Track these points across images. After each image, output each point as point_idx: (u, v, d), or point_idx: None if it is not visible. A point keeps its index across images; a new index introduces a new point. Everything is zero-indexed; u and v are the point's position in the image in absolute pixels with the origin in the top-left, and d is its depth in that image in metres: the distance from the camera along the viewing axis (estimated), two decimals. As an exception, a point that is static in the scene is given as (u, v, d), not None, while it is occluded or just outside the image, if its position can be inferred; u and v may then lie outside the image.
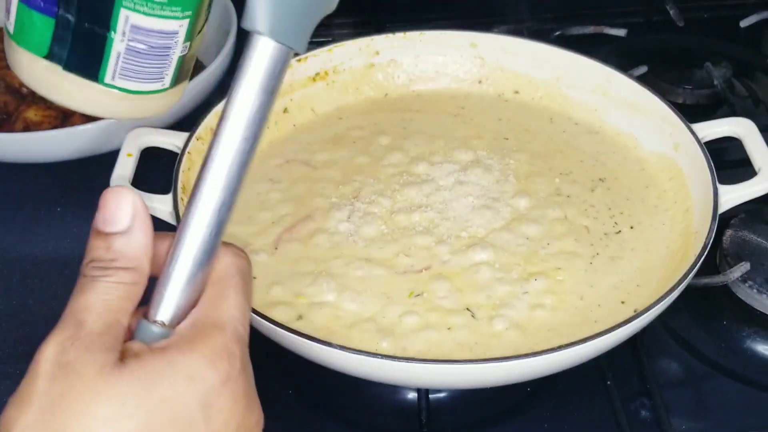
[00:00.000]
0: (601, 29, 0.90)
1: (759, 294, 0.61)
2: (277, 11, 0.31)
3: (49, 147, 0.70)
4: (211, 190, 0.33)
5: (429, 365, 0.49)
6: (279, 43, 0.31)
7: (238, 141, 0.32)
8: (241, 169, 0.33)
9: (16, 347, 0.60)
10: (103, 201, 0.34)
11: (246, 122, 0.32)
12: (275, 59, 0.32)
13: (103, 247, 0.34)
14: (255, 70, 0.32)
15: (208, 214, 0.33)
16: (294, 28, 0.32)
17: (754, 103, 0.85)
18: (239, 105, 0.32)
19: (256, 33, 0.31)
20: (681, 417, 0.56)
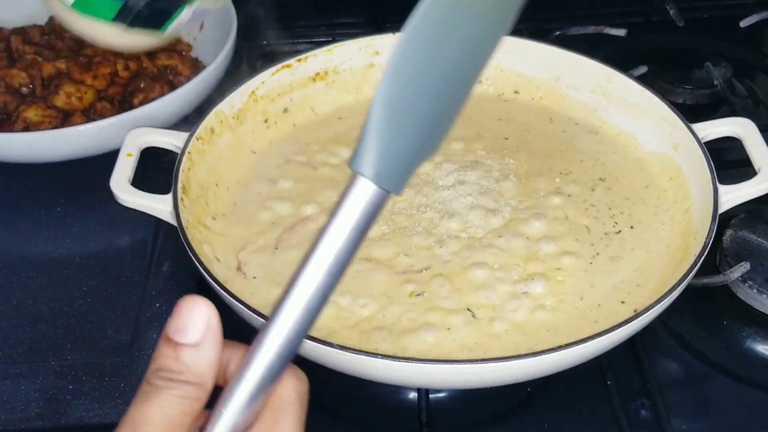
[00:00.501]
0: (601, 29, 0.90)
1: (759, 294, 0.61)
2: (384, 159, 0.32)
3: (49, 147, 0.70)
4: (288, 317, 0.33)
5: (429, 365, 0.48)
6: (380, 188, 0.32)
7: (322, 273, 0.33)
8: (320, 301, 0.33)
9: (15, 347, 0.60)
10: (178, 309, 0.34)
11: (334, 257, 0.33)
12: (373, 202, 0.33)
13: (172, 356, 0.34)
14: (353, 210, 0.33)
15: (281, 341, 0.33)
16: (397, 175, 0.33)
17: (754, 103, 0.85)
18: (331, 239, 0.33)
19: (360, 175, 0.32)
20: (681, 417, 0.56)
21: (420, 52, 0.32)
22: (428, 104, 0.33)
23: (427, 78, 0.32)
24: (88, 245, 0.68)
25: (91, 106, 0.75)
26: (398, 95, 0.32)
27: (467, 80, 0.34)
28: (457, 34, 0.33)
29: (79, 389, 0.57)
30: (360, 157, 0.32)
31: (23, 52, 0.77)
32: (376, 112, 0.32)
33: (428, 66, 0.32)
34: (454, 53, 0.33)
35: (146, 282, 0.64)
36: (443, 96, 0.33)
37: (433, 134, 0.33)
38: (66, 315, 0.62)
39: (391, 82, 0.32)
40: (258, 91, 0.71)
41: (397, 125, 0.32)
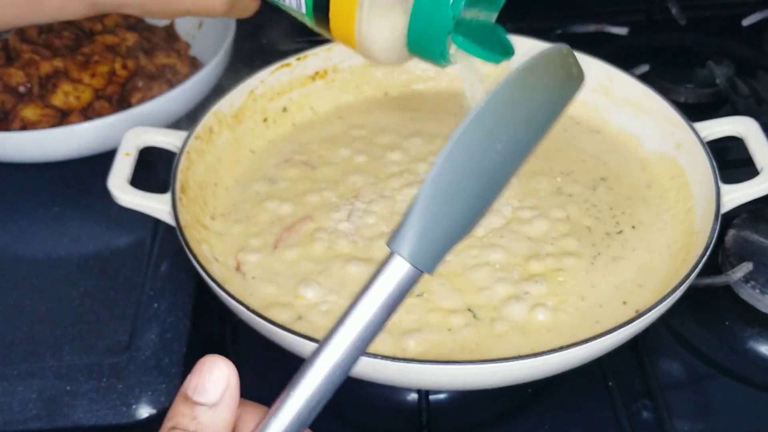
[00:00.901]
0: (603, 28, 0.90)
1: (762, 294, 0.60)
2: (423, 242, 0.33)
3: (47, 146, 0.69)
4: (308, 387, 0.34)
5: (429, 366, 0.48)
6: (414, 268, 0.34)
7: (348, 346, 0.34)
8: (342, 374, 0.34)
9: (12, 348, 0.59)
10: (198, 368, 0.35)
11: (361, 330, 0.34)
12: (406, 281, 0.34)
13: (189, 415, 0.34)
14: (385, 286, 0.34)
15: (298, 409, 0.34)
16: (432, 257, 0.34)
17: (756, 102, 0.84)
18: (360, 312, 0.34)
19: (397, 254, 0.34)
20: (683, 418, 0.56)
21: (471, 149, 0.34)
22: (470, 197, 0.35)
23: (473, 173, 0.34)
24: (86, 245, 0.68)
25: (89, 105, 0.75)
26: (445, 187, 0.34)
27: (507, 176, 0.36)
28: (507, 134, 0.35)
29: (76, 390, 0.56)
30: (400, 238, 0.34)
31: (21, 51, 0.77)
32: (423, 201, 0.33)
33: (476, 163, 0.34)
34: (505, 146, 0.35)
35: (144, 282, 0.64)
36: (485, 190, 0.35)
37: (469, 223, 0.35)
38: (64, 315, 0.62)
39: (441, 174, 0.34)
40: (257, 90, 0.70)
41: (439, 214, 0.34)
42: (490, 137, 0.34)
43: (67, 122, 0.73)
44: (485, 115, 0.34)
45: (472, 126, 0.34)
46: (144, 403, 0.56)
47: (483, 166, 0.34)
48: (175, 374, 0.57)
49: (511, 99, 0.36)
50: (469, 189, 0.34)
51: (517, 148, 0.36)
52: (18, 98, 0.75)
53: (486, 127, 0.34)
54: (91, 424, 0.55)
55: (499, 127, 0.35)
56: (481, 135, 0.34)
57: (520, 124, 0.36)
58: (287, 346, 0.51)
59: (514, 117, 0.35)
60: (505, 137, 0.35)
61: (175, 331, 0.60)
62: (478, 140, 0.34)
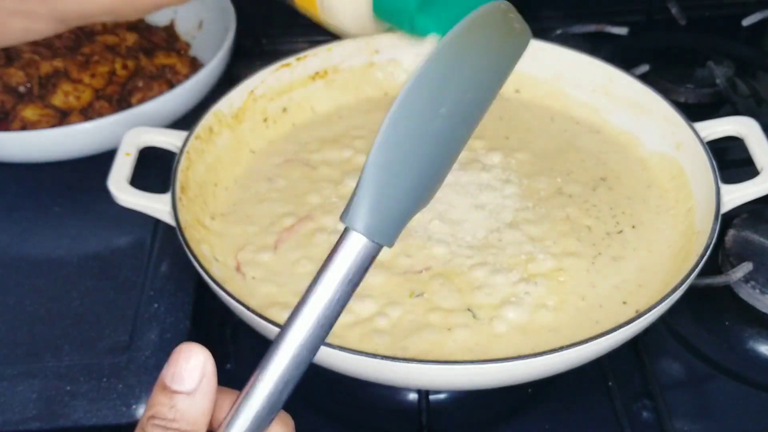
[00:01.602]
0: (603, 28, 0.90)
1: (762, 294, 0.60)
2: (376, 214, 0.33)
3: (47, 146, 0.69)
4: (276, 368, 0.34)
5: (429, 366, 0.48)
6: (372, 241, 0.33)
7: (312, 325, 0.33)
8: (310, 353, 0.34)
9: (13, 348, 0.59)
10: (175, 356, 0.35)
11: (324, 309, 0.33)
12: (365, 255, 0.33)
13: (167, 404, 0.34)
14: (344, 262, 0.33)
15: (269, 390, 0.34)
16: (389, 229, 0.34)
17: (756, 102, 0.84)
18: (322, 292, 0.33)
19: (353, 230, 0.33)
20: (683, 418, 0.56)
21: (413, 115, 0.33)
22: (420, 164, 0.34)
23: (419, 139, 0.34)
24: (86, 245, 0.68)
25: (89, 105, 0.75)
26: (391, 155, 0.33)
27: (458, 141, 0.35)
28: (450, 98, 0.34)
29: (76, 390, 0.56)
30: (353, 213, 0.33)
31: (20, 51, 0.77)
32: (370, 171, 0.33)
33: (421, 128, 0.34)
34: (450, 108, 0.34)
35: (144, 282, 0.64)
36: (435, 156, 0.34)
37: (423, 191, 0.35)
38: (64, 316, 0.62)
39: (385, 142, 0.33)
40: (257, 90, 0.70)
41: (390, 184, 0.33)
42: (433, 101, 0.34)
43: (67, 122, 0.73)
44: (424, 79, 0.33)
45: (412, 91, 0.33)
46: (144, 403, 0.56)
47: (429, 132, 0.34)
48: (175, 374, 0.57)
49: (450, 60, 0.34)
50: (419, 156, 0.34)
51: (465, 110, 0.35)
52: (18, 98, 0.75)
53: (427, 92, 0.34)
54: (91, 424, 0.55)
55: (441, 91, 0.34)
56: (423, 100, 0.33)
57: (463, 86, 0.35)
58: (287, 346, 0.51)
59: (456, 79, 0.34)
60: (449, 100, 0.34)
61: (175, 331, 0.60)
62: (420, 105, 0.33)
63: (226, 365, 0.60)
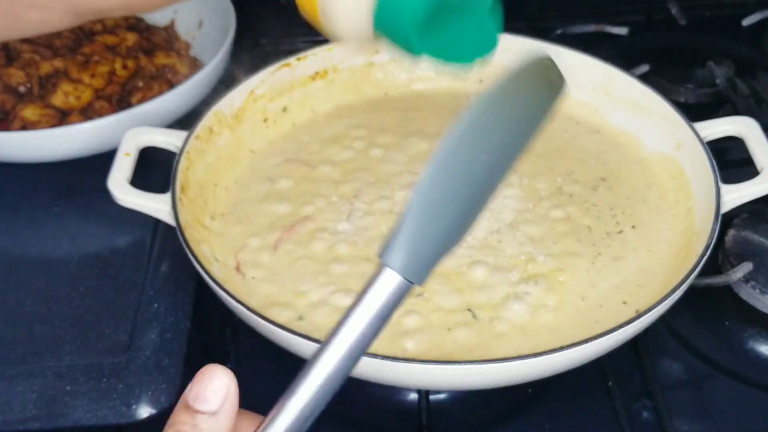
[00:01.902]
0: (603, 28, 0.90)
1: (762, 294, 0.60)
2: (412, 254, 0.34)
3: (47, 146, 0.69)
4: (302, 398, 0.34)
5: (429, 366, 0.48)
6: (405, 279, 0.34)
7: (340, 358, 0.34)
8: (335, 385, 0.34)
9: (13, 348, 0.59)
10: (200, 377, 0.36)
11: (354, 342, 0.34)
12: (397, 293, 0.34)
13: (189, 423, 0.35)
14: (376, 298, 0.34)
15: (291, 420, 0.34)
16: (423, 269, 0.35)
17: (756, 102, 0.84)
18: (353, 325, 0.34)
19: (387, 267, 0.34)
20: (683, 418, 0.56)
21: (457, 160, 0.35)
22: (459, 207, 0.35)
23: (459, 184, 0.35)
24: (86, 245, 0.68)
25: (89, 105, 0.75)
26: (433, 198, 0.34)
27: (494, 186, 0.37)
28: (491, 145, 0.36)
29: (76, 390, 0.56)
30: (390, 251, 0.34)
31: (21, 51, 0.77)
32: (413, 212, 0.34)
33: (462, 173, 0.35)
34: (490, 157, 0.36)
35: (144, 282, 0.64)
36: (474, 201, 0.36)
37: (459, 233, 0.36)
38: (64, 315, 0.62)
39: (429, 185, 0.34)
40: (257, 90, 0.70)
41: (429, 225, 0.34)
42: (475, 148, 0.35)
43: (67, 122, 0.73)
44: (469, 127, 0.35)
45: (457, 138, 0.35)
46: (144, 403, 0.56)
47: (469, 177, 0.35)
48: (175, 374, 0.57)
49: (494, 110, 0.37)
50: (457, 200, 0.35)
51: (502, 157, 0.37)
52: (18, 98, 0.75)
53: (471, 139, 0.35)
54: (91, 424, 0.55)
55: (483, 138, 0.36)
56: (466, 147, 0.35)
57: (503, 134, 0.37)
58: (287, 346, 0.51)
59: (497, 127, 0.36)
60: (489, 148, 0.36)
61: (175, 331, 0.60)
62: (464, 152, 0.35)
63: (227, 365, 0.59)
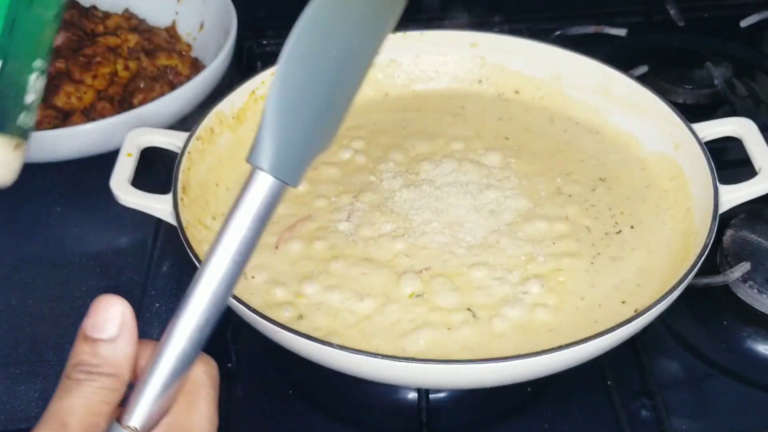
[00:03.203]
0: (602, 29, 0.90)
1: (759, 294, 0.61)
2: (280, 153, 0.34)
3: (49, 147, 0.69)
4: (196, 307, 0.35)
5: (429, 365, 0.48)
6: (277, 180, 0.35)
7: (227, 263, 0.35)
8: (227, 290, 0.35)
9: (15, 348, 0.60)
10: (94, 308, 0.37)
11: (237, 246, 0.35)
12: (272, 193, 0.35)
13: (90, 352, 0.36)
14: (252, 201, 0.35)
15: (190, 329, 0.35)
16: (293, 168, 0.35)
17: (754, 103, 0.85)
18: (233, 231, 0.35)
19: (258, 169, 0.35)
20: (681, 417, 0.56)
21: (308, 52, 0.35)
22: (318, 101, 0.36)
23: (315, 76, 0.35)
24: (87, 245, 0.68)
25: (91, 106, 0.75)
26: (289, 96, 0.35)
27: (353, 78, 0.38)
28: (342, 35, 0.36)
29: (78, 389, 0.56)
30: (257, 152, 0.34)
31: (23, 52, 0.77)
32: (270, 109, 0.34)
33: (316, 65, 0.35)
34: (339, 52, 0.36)
35: (146, 282, 0.64)
36: (332, 93, 0.37)
37: (324, 129, 0.37)
38: (66, 315, 0.62)
39: (282, 80, 0.35)
40: (258, 91, 0.71)
41: (290, 121, 0.35)
42: (323, 44, 0.36)
43: (69, 123, 0.74)
44: (313, 22, 0.35)
45: (303, 34, 0.35)
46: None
47: (323, 73, 0.36)
48: (177, 373, 0.57)
49: (335, 6, 0.36)
50: (315, 96, 0.36)
51: (354, 54, 0.37)
52: (20, 99, 0.75)
53: (316, 34, 0.35)
54: (93, 423, 0.55)
55: (329, 34, 0.36)
56: (314, 42, 0.35)
57: (349, 32, 0.37)
58: (288, 346, 0.51)
59: (341, 24, 0.36)
60: (338, 44, 0.36)
61: (177, 330, 0.60)
62: (312, 47, 0.35)
63: (227, 364, 0.60)
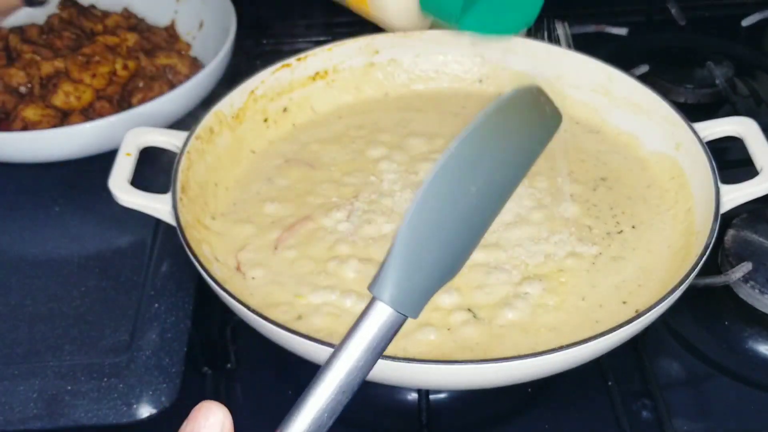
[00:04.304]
0: (603, 28, 0.90)
1: (761, 294, 0.61)
2: (403, 287, 0.34)
3: (48, 146, 0.69)
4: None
5: (429, 366, 0.48)
6: (397, 312, 0.34)
7: (334, 390, 0.34)
8: (329, 418, 0.34)
9: (13, 348, 0.60)
10: (194, 414, 0.35)
11: (347, 375, 0.34)
12: (390, 325, 0.34)
13: None
14: (368, 332, 0.34)
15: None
16: (414, 301, 0.35)
17: (755, 103, 0.84)
18: (346, 359, 0.34)
19: (379, 300, 0.34)
20: (682, 417, 0.56)
21: (445, 192, 0.35)
22: (449, 240, 0.35)
23: (449, 217, 0.35)
24: (86, 245, 0.68)
25: (90, 106, 0.75)
26: (422, 231, 0.34)
27: (486, 219, 0.37)
28: (481, 177, 0.36)
29: (77, 390, 0.56)
30: (380, 283, 0.34)
31: (21, 51, 0.77)
32: (400, 244, 0.34)
33: (451, 206, 0.35)
34: (476, 195, 0.36)
35: (145, 282, 0.64)
36: (463, 233, 0.36)
37: (450, 266, 0.36)
38: (64, 315, 0.62)
39: (417, 218, 0.34)
40: (257, 91, 0.71)
41: (418, 258, 0.34)
42: (464, 180, 0.35)
43: (68, 122, 0.73)
44: (457, 159, 0.35)
45: (445, 170, 0.35)
46: (145, 403, 0.56)
47: (459, 210, 0.35)
48: (176, 374, 0.57)
49: (482, 140, 0.36)
50: (448, 232, 0.35)
51: (495, 189, 0.37)
52: (19, 98, 0.75)
53: (459, 171, 0.35)
54: (92, 424, 0.55)
55: (472, 170, 0.35)
56: (454, 179, 0.35)
57: (494, 166, 0.36)
58: (287, 346, 0.51)
59: (487, 159, 0.36)
60: (480, 179, 0.36)
61: (176, 330, 0.60)
62: (452, 184, 0.35)
63: (227, 365, 0.60)
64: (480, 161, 0.36)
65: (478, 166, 0.36)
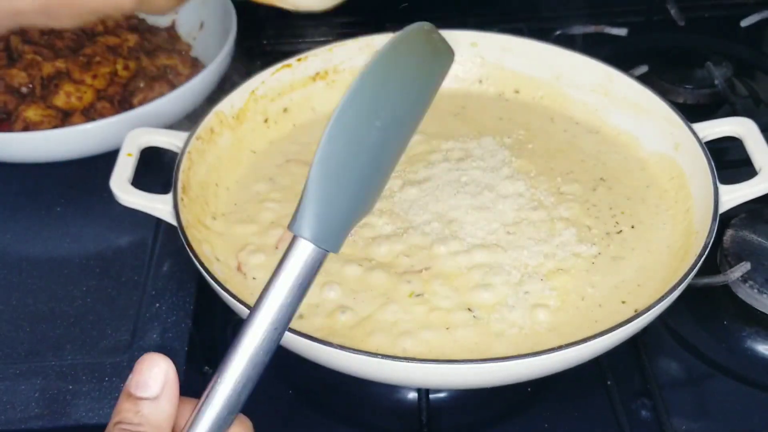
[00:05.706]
0: (602, 29, 0.90)
1: (759, 294, 0.61)
2: (321, 222, 0.36)
3: (49, 147, 0.70)
4: (234, 372, 0.35)
5: (429, 365, 0.48)
6: (318, 247, 0.36)
7: (267, 328, 0.35)
8: (265, 355, 0.36)
9: (15, 347, 0.60)
10: (138, 366, 0.37)
11: (277, 312, 0.36)
12: (313, 260, 0.36)
13: (132, 410, 0.36)
14: (293, 268, 0.36)
15: (228, 390, 0.35)
16: (334, 236, 0.36)
17: (754, 103, 0.84)
18: (274, 297, 0.36)
19: (300, 237, 0.35)
20: (681, 417, 0.56)
21: (351, 128, 0.36)
22: (360, 173, 0.37)
23: (357, 150, 0.36)
24: (87, 245, 0.68)
25: (91, 106, 0.75)
26: (332, 166, 0.36)
27: (394, 151, 0.38)
28: (383, 112, 0.37)
29: (78, 389, 0.57)
30: (299, 221, 0.36)
31: (23, 52, 0.77)
32: (313, 182, 0.36)
33: (358, 140, 0.36)
34: (385, 121, 0.37)
35: (146, 282, 0.64)
36: (373, 166, 0.37)
37: (365, 199, 0.37)
38: (66, 315, 0.62)
39: (325, 154, 0.36)
40: (258, 91, 0.71)
41: (332, 193, 0.36)
42: (369, 115, 0.37)
43: (69, 123, 0.74)
44: (358, 95, 0.36)
45: (348, 106, 0.36)
46: (146, 402, 0.56)
47: (367, 144, 0.37)
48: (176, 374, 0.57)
49: (380, 77, 0.37)
50: (358, 166, 0.36)
51: (398, 123, 0.38)
52: (20, 99, 0.75)
53: (361, 106, 0.36)
54: (93, 423, 0.55)
55: (375, 105, 0.37)
56: (358, 114, 0.36)
57: (395, 101, 0.38)
58: (288, 346, 0.51)
59: (387, 94, 0.37)
60: (383, 114, 0.37)
61: (177, 330, 0.60)
62: (356, 119, 0.36)
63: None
64: (381, 97, 0.37)
65: (380, 101, 0.37)
